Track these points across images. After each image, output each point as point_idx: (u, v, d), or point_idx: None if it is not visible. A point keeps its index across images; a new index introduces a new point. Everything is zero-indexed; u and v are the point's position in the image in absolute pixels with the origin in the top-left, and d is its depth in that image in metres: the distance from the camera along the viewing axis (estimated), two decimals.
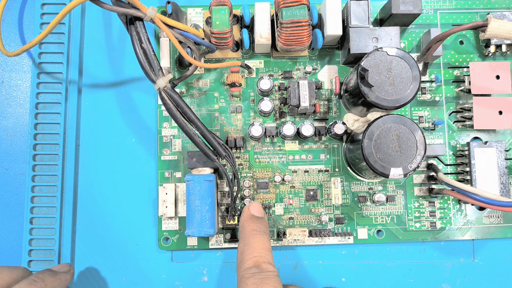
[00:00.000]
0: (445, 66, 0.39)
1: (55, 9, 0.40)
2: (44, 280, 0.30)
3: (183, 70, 0.39)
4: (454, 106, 0.39)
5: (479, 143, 0.37)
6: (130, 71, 0.40)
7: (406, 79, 0.32)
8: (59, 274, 0.32)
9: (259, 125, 0.36)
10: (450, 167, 0.39)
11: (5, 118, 0.40)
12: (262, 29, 0.36)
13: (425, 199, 0.38)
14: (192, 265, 0.38)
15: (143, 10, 0.32)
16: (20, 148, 0.40)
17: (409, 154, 0.32)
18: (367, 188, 0.38)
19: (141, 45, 0.33)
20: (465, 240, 0.38)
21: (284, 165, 0.38)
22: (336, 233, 0.38)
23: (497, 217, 0.38)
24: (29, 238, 0.38)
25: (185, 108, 0.34)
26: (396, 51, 0.33)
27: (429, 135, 0.39)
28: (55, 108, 0.39)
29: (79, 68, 0.40)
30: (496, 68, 0.37)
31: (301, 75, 0.39)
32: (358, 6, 0.36)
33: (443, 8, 0.40)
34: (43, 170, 0.39)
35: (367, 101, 0.32)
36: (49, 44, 0.40)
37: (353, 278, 0.38)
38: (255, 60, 0.39)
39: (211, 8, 0.35)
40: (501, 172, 0.37)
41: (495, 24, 0.32)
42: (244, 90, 0.39)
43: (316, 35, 0.36)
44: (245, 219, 0.34)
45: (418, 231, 0.38)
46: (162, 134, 0.38)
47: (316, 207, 0.38)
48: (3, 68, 0.41)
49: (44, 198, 0.38)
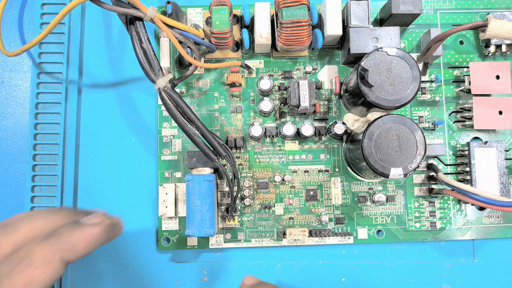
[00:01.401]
0: (445, 66, 0.39)
1: (55, 9, 0.40)
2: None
3: (183, 70, 0.39)
4: (454, 106, 0.39)
5: (479, 143, 0.37)
6: (130, 71, 0.40)
7: (406, 79, 0.32)
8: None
9: (259, 125, 0.36)
10: (450, 167, 0.39)
11: (5, 118, 0.40)
12: (262, 29, 0.36)
13: (425, 199, 0.38)
14: (192, 265, 0.38)
15: (143, 10, 0.32)
16: (20, 148, 0.40)
17: (409, 154, 0.32)
18: (367, 188, 0.38)
19: (141, 45, 0.33)
20: (465, 240, 0.38)
21: (284, 165, 0.38)
22: (336, 233, 0.38)
23: (497, 217, 0.38)
24: None
25: (185, 108, 0.34)
26: (396, 51, 0.33)
27: (429, 135, 0.39)
28: (55, 108, 0.39)
29: (79, 68, 0.40)
30: (496, 68, 0.37)
31: (301, 75, 0.39)
32: (358, 6, 0.36)
33: (443, 8, 0.40)
34: (43, 170, 0.39)
35: (367, 101, 0.32)
36: (49, 44, 0.40)
37: (353, 278, 0.38)
38: (255, 60, 0.39)
39: (211, 8, 0.35)
40: (501, 172, 0.37)
41: (495, 24, 0.32)
42: (244, 90, 0.39)
43: (316, 35, 0.36)
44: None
45: (418, 231, 0.38)
46: (162, 134, 0.38)
47: (316, 207, 0.38)
48: (3, 68, 0.41)
49: (44, 198, 0.38)
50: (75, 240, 0.22)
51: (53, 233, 0.22)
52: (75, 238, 0.22)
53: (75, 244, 0.21)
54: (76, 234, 0.22)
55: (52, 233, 0.22)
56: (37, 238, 0.22)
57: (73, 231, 0.22)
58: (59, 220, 0.23)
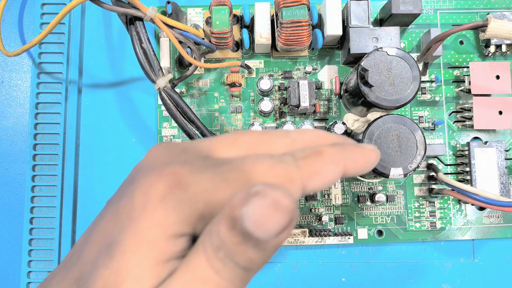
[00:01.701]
0: (445, 66, 0.39)
1: (55, 9, 0.40)
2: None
3: (183, 70, 0.39)
4: (454, 106, 0.39)
5: (479, 143, 0.37)
6: (130, 71, 0.40)
7: (406, 79, 0.32)
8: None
9: (259, 125, 0.36)
10: (450, 167, 0.39)
11: (5, 118, 0.40)
12: (262, 29, 0.36)
13: (425, 199, 0.38)
14: None
15: (143, 10, 0.32)
16: (20, 148, 0.40)
17: (409, 154, 0.32)
18: (367, 188, 0.38)
19: (141, 45, 0.33)
20: (465, 240, 0.38)
21: None
22: (336, 233, 0.38)
23: (497, 217, 0.38)
24: (29, 238, 0.38)
25: (185, 108, 0.34)
26: (396, 51, 0.33)
27: (429, 135, 0.39)
28: (55, 108, 0.39)
29: (79, 68, 0.40)
30: (496, 68, 0.37)
31: (301, 75, 0.39)
32: (358, 6, 0.36)
33: (443, 8, 0.40)
34: (43, 170, 0.39)
35: (367, 101, 0.32)
36: (49, 44, 0.40)
37: (353, 278, 0.38)
38: (255, 60, 0.39)
39: (211, 8, 0.35)
40: (501, 172, 0.37)
41: (495, 24, 0.32)
42: (244, 90, 0.39)
43: (316, 35, 0.36)
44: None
45: (418, 231, 0.38)
46: (162, 134, 0.38)
47: (316, 207, 0.38)
48: (3, 68, 0.41)
49: (44, 198, 0.38)
50: (358, 154, 0.20)
51: (337, 143, 0.20)
52: (358, 153, 0.20)
53: (357, 158, 0.20)
54: (359, 150, 0.20)
55: (336, 144, 0.20)
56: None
57: (357, 147, 0.20)
58: (339, 138, 0.22)
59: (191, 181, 0.16)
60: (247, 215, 0.14)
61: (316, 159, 0.18)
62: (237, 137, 0.19)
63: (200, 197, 0.16)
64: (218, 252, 0.15)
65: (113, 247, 0.16)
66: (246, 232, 0.14)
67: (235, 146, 0.19)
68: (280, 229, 0.14)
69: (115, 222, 0.17)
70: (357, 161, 0.20)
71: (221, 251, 0.15)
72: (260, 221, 0.14)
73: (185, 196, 0.16)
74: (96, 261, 0.17)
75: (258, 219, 0.14)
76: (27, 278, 0.37)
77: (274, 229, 0.14)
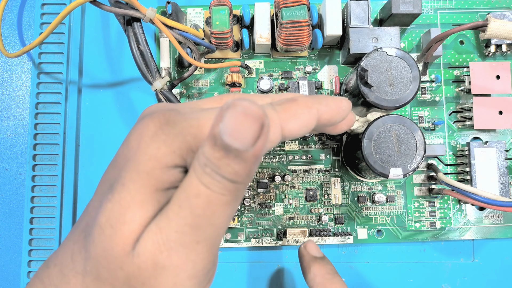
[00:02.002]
0: (445, 66, 0.39)
1: (55, 9, 0.40)
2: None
3: (183, 70, 0.39)
4: (454, 106, 0.39)
5: (479, 143, 0.37)
6: (130, 71, 0.40)
7: (406, 79, 0.32)
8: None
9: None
10: (450, 167, 0.39)
11: (5, 118, 0.40)
12: (262, 29, 0.36)
13: (425, 199, 0.38)
14: None
15: (142, 11, 0.32)
16: (20, 148, 0.40)
17: (409, 154, 0.32)
18: (367, 188, 0.38)
19: (138, 47, 0.33)
20: (465, 240, 0.38)
21: (284, 165, 0.38)
22: (336, 233, 0.38)
23: (497, 217, 0.38)
24: (29, 238, 0.38)
25: None
26: (396, 51, 0.33)
27: (429, 135, 0.39)
28: (55, 108, 0.39)
29: (79, 68, 0.40)
30: (496, 68, 0.37)
31: (301, 75, 0.39)
32: (358, 6, 0.36)
33: (443, 8, 0.40)
34: (43, 170, 0.39)
35: (367, 101, 0.32)
36: (49, 44, 0.40)
37: (353, 278, 0.38)
38: (255, 60, 0.39)
39: (211, 8, 0.35)
40: (501, 172, 0.37)
41: (495, 24, 0.32)
42: (244, 90, 0.39)
43: (316, 35, 0.36)
44: (311, 263, 0.31)
45: (418, 231, 0.38)
46: None
47: (316, 207, 0.38)
48: (3, 68, 0.41)
49: (44, 198, 0.38)
50: (330, 100, 0.23)
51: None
52: (330, 99, 0.23)
53: (329, 103, 0.23)
54: (330, 97, 0.24)
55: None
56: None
57: (328, 96, 0.25)
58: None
59: (177, 120, 0.18)
60: (223, 129, 0.15)
61: (291, 104, 0.20)
62: (222, 96, 0.22)
63: (187, 131, 0.18)
64: (205, 168, 0.16)
65: (114, 185, 0.18)
66: (226, 145, 0.15)
67: (220, 103, 0.21)
68: (253, 136, 0.15)
69: (114, 168, 0.20)
70: (329, 105, 0.23)
71: (207, 167, 0.16)
72: (234, 130, 0.15)
73: (174, 131, 0.18)
74: (100, 204, 0.18)
75: (232, 130, 0.15)
76: (27, 278, 0.37)
77: (248, 136, 0.15)
